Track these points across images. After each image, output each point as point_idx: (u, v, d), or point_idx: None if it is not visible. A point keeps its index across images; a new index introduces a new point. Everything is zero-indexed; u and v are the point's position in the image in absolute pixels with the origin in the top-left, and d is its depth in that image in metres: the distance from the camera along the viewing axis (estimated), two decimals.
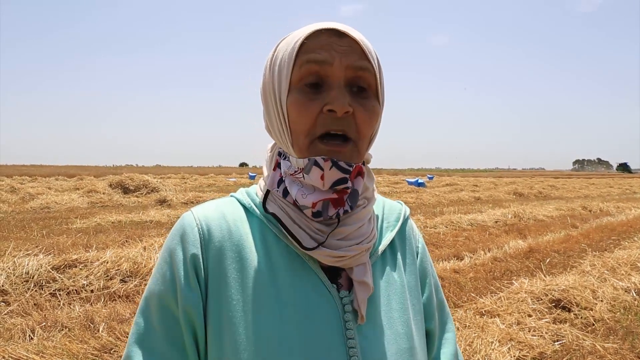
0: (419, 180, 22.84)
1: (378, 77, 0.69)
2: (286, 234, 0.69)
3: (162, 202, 12.61)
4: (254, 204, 0.75)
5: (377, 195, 0.81)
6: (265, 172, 0.76)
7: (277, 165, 0.73)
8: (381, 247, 0.78)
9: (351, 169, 0.66)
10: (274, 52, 0.71)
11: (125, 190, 14.51)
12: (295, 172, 0.68)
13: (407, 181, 24.08)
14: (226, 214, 0.73)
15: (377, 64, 0.69)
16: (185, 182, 22.95)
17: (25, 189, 14.70)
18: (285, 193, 0.70)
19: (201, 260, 0.69)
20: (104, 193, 13.76)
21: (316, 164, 0.65)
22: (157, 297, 0.70)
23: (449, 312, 0.88)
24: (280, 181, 0.71)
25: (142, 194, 14.29)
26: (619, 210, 13.09)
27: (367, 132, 0.68)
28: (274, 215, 0.69)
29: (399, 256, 0.80)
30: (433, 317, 0.82)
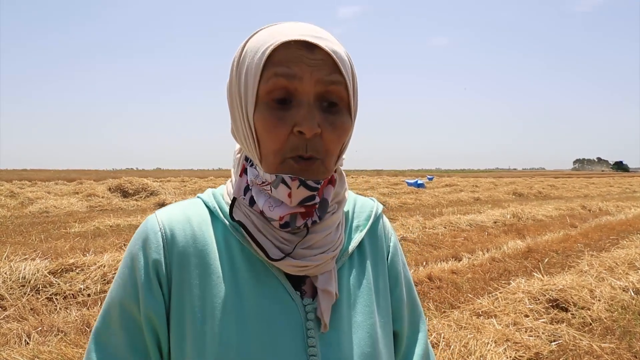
0: (419, 181, 22.81)
1: (351, 89, 0.66)
2: (252, 242, 0.67)
3: (161, 205, 12.60)
4: (219, 208, 0.73)
5: (347, 195, 0.79)
6: (233, 176, 0.75)
7: (244, 171, 0.71)
8: (350, 249, 0.76)
9: (319, 186, 0.65)
10: (241, 52, 0.68)
11: (125, 194, 14.50)
12: (263, 182, 0.66)
13: (407, 182, 24.05)
14: (191, 218, 0.72)
15: (350, 76, 0.66)
16: (185, 185, 22.92)
17: (25, 194, 14.69)
18: (252, 202, 0.68)
19: (164, 266, 0.68)
20: (103, 197, 13.75)
21: (283, 181, 0.63)
22: (118, 303, 0.69)
23: (422, 310, 0.87)
24: (247, 188, 0.69)
25: (141, 197, 14.28)
26: (618, 209, 13.08)
27: (334, 151, 0.66)
28: (240, 223, 0.68)
29: (368, 257, 0.78)
30: (402, 318, 0.81)
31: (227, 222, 0.72)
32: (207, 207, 0.74)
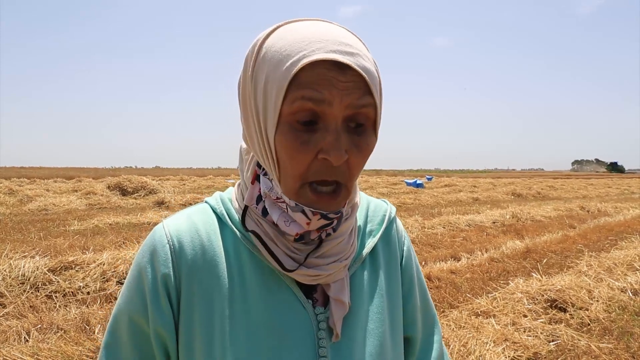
0: (418, 181, 22.84)
1: (379, 108, 0.62)
2: (265, 252, 0.66)
3: (161, 203, 12.60)
4: (228, 215, 0.71)
5: (360, 198, 0.77)
6: (242, 180, 0.71)
7: (256, 178, 0.67)
8: (363, 254, 0.74)
9: (338, 215, 0.63)
10: (258, 52, 0.61)
11: (124, 192, 14.49)
12: (278, 198, 0.63)
13: (406, 182, 24.08)
14: (199, 227, 0.70)
15: (379, 93, 0.61)
16: (184, 184, 22.91)
17: (24, 191, 14.67)
18: (265, 212, 0.65)
19: (172, 280, 0.66)
20: (102, 195, 13.73)
21: (303, 212, 0.61)
22: (127, 315, 0.68)
23: (435, 314, 0.85)
24: (259, 198, 0.66)
25: (140, 195, 14.27)
26: (616, 210, 13.10)
27: (358, 173, 0.63)
28: (254, 233, 0.66)
29: (381, 263, 0.76)
30: (415, 323, 0.80)
31: (237, 230, 0.69)
32: (215, 213, 0.72)
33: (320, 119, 0.58)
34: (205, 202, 0.75)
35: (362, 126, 0.61)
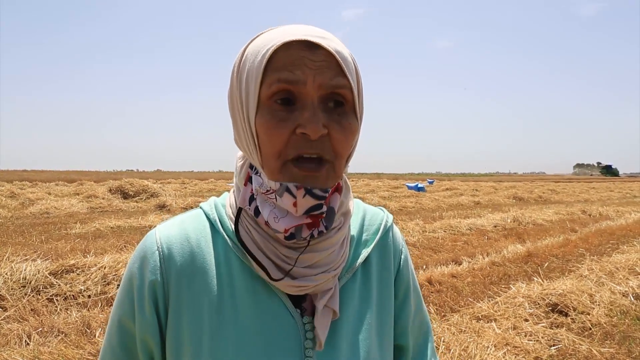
0: (419, 185, 22.83)
1: (356, 91, 0.63)
2: (253, 262, 0.66)
3: (162, 207, 12.61)
4: (220, 221, 0.71)
5: (353, 205, 0.75)
6: (235, 185, 0.72)
7: (249, 180, 0.68)
8: (355, 264, 0.74)
9: (327, 194, 0.61)
10: (241, 58, 0.65)
11: (125, 196, 14.51)
12: (268, 191, 0.63)
13: (407, 186, 24.08)
14: (190, 234, 0.70)
15: (354, 77, 0.63)
16: (185, 187, 22.94)
17: (25, 194, 14.71)
18: (257, 212, 0.65)
19: (161, 286, 0.67)
20: (103, 198, 13.76)
21: (288, 190, 0.60)
22: (117, 321, 0.71)
23: (429, 321, 0.85)
24: (252, 198, 0.66)
25: (141, 199, 14.29)
26: (618, 214, 13.08)
27: (344, 152, 0.63)
28: (242, 242, 0.66)
29: (373, 273, 0.76)
30: (408, 332, 0.80)
31: (228, 238, 0.70)
32: (209, 219, 0.73)
33: (297, 99, 0.60)
34: (200, 207, 0.75)
35: (341, 107, 0.62)
